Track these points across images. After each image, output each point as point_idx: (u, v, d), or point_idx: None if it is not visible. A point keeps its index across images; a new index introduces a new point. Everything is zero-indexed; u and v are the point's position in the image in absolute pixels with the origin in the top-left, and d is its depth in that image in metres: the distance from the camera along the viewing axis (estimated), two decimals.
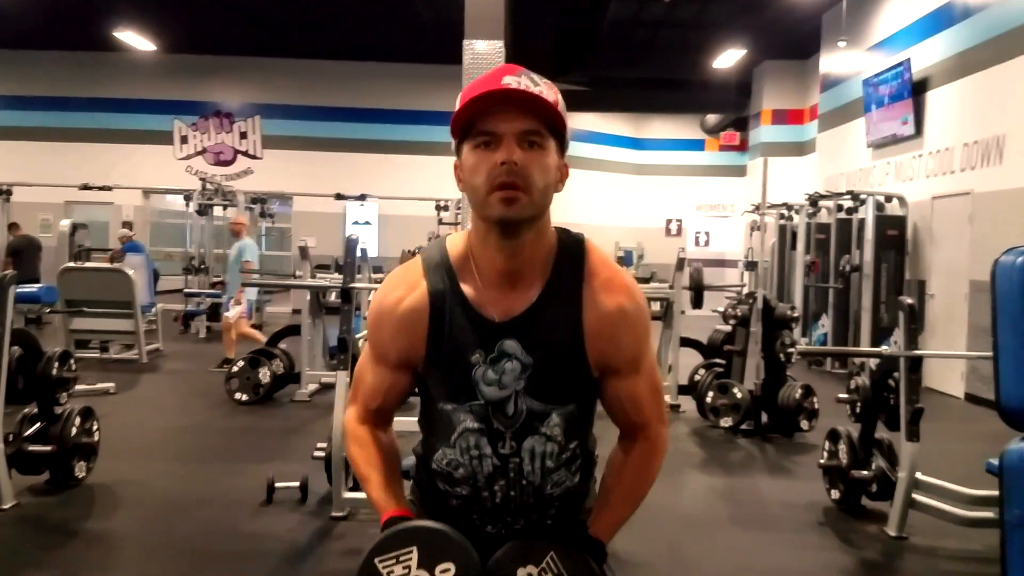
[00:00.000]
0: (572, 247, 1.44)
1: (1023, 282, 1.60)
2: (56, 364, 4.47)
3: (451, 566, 1.31)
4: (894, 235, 9.21)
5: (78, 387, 5.16)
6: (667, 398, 7.12)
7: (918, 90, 9.23)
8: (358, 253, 6.23)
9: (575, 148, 16.28)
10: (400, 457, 1.55)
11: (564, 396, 1.42)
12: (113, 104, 16.27)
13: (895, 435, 4.28)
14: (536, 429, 1.41)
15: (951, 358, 8.10)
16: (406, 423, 1.77)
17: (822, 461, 4.64)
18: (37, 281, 9.14)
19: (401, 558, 1.31)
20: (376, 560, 1.33)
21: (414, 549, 1.31)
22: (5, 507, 4.05)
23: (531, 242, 1.38)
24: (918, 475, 4.08)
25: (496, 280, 1.40)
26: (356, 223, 16.07)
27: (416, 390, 1.52)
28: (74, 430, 4.44)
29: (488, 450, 1.41)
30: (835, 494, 4.55)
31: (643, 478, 1.52)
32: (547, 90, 1.34)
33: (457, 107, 1.35)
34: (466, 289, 1.41)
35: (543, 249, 1.41)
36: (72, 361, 4.67)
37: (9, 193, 12.26)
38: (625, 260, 16.09)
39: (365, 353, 1.52)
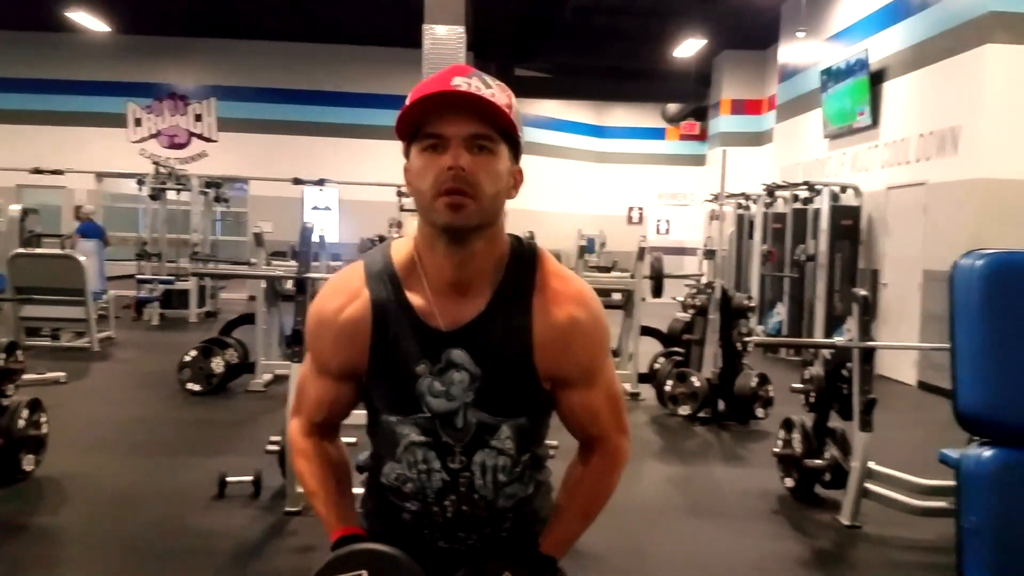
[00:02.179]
0: (524, 255, 1.39)
1: (982, 286, 1.59)
2: (2, 355, 4.35)
3: None
4: (848, 225, 9.32)
5: (28, 376, 5.04)
6: (627, 386, 7.15)
7: (875, 81, 9.32)
8: (316, 240, 6.15)
9: (536, 135, 16.31)
10: (349, 470, 1.50)
11: (515, 408, 1.37)
12: (65, 86, 15.89)
13: (848, 424, 4.32)
14: (487, 443, 1.36)
15: (904, 349, 8.23)
16: (356, 416, 1.72)
17: (776, 449, 4.68)
18: None
19: None
20: None
21: (364, 573, 1.28)
22: None
23: (481, 250, 1.33)
24: (871, 464, 4.13)
25: (444, 289, 1.35)
26: (315, 208, 15.89)
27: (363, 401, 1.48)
28: (21, 422, 4.32)
29: (437, 464, 1.37)
30: (789, 482, 4.59)
31: (598, 492, 1.48)
32: (499, 93, 1.29)
33: (403, 107, 1.30)
34: (412, 297, 1.35)
35: (493, 257, 1.36)
36: (19, 352, 4.54)
37: None
38: (587, 248, 16.10)
39: (306, 363, 1.46)
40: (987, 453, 1.61)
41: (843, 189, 9.64)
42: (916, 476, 4.12)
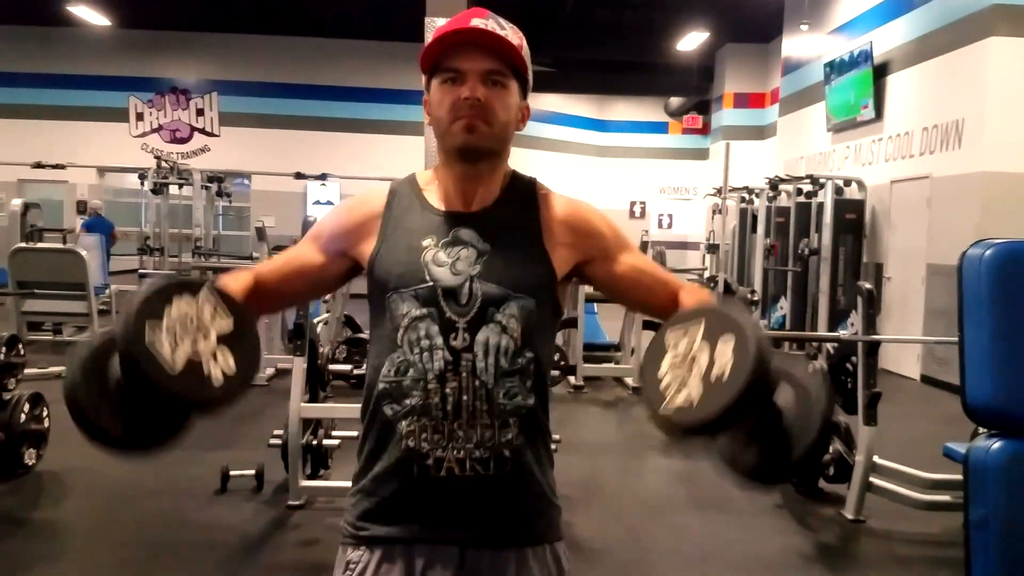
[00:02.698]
0: (524, 178, 1.51)
1: (990, 276, 1.57)
2: (3, 349, 4.34)
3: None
4: (852, 219, 9.29)
5: (30, 370, 5.04)
6: (629, 381, 7.14)
7: (879, 74, 9.29)
8: None
9: (537, 129, 16.28)
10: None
11: (522, 285, 1.38)
12: (67, 80, 15.86)
13: (852, 418, 4.30)
14: (492, 316, 1.35)
15: (908, 343, 8.21)
16: (357, 410, 1.69)
17: None
18: None
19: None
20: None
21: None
22: None
23: (488, 172, 1.43)
24: (875, 459, 4.12)
25: (455, 200, 1.44)
26: (317, 203, 15.87)
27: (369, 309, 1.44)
28: (23, 417, 4.31)
29: (439, 340, 1.34)
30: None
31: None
32: (512, 34, 1.40)
33: (426, 43, 1.40)
34: (427, 195, 1.46)
35: (499, 179, 1.46)
36: (20, 346, 4.54)
37: None
38: None
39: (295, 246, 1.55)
40: (996, 445, 1.59)
41: (847, 183, 9.60)
42: (920, 470, 4.12)
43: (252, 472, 4.27)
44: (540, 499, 1.43)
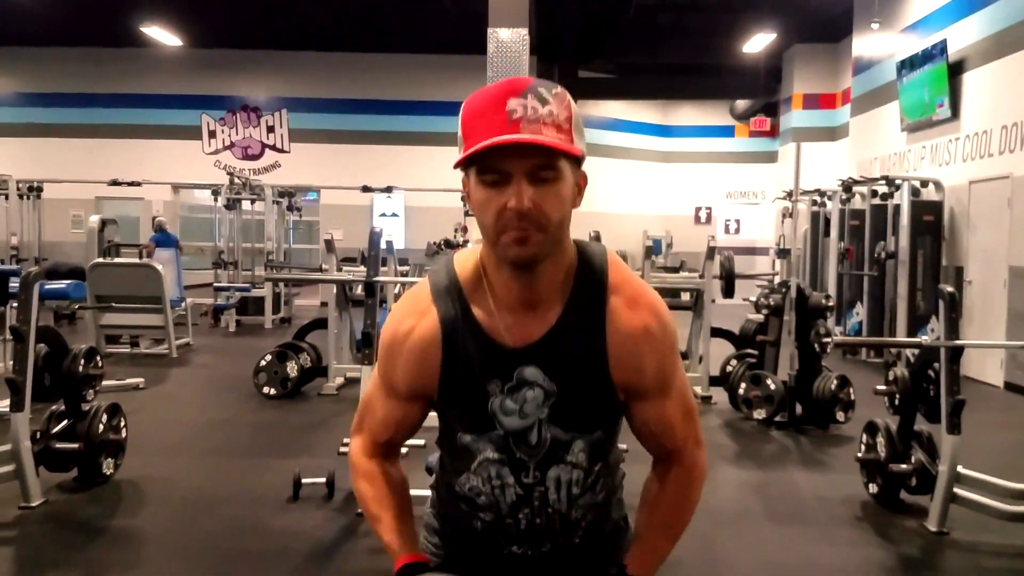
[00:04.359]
0: (593, 264, 1.33)
1: None
2: (82, 361, 4.47)
3: None
4: (930, 221, 9.01)
5: (108, 382, 5.18)
6: (698, 389, 7.02)
7: (954, 72, 9.00)
8: (383, 245, 6.19)
9: (601, 136, 16.23)
10: (409, 493, 1.48)
11: (590, 423, 1.34)
12: (141, 100, 16.40)
13: (935, 427, 4.16)
14: (561, 458, 1.33)
15: (992, 348, 7.90)
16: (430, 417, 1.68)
17: (860, 454, 4.52)
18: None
19: None
20: None
21: None
22: (33, 505, 4.04)
23: (548, 270, 1.28)
24: (959, 468, 3.96)
25: (512, 305, 1.30)
26: (383, 215, 16.06)
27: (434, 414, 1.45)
28: (101, 427, 4.42)
29: (511, 480, 1.34)
30: (873, 488, 4.43)
31: (681, 508, 1.43)
32: (557, 107, 1.20)
33: (460, 139, 1.25)
34: (479, 314, 1.31)
35: (562, 269, 1.31)
36: (99, 358, 4.66)
37: (40, 190, 12.35)
38: (654, 249, 15.95)
39: (374, 383, 1.44)
40: None
41: (923, 184, 9.32)
42: (1007, 480, 3.97)
43: (323, 480, 4.31)
44: (613, 536, 1.47)
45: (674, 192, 18.08)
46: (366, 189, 13.57)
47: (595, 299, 1.31)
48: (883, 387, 4.45)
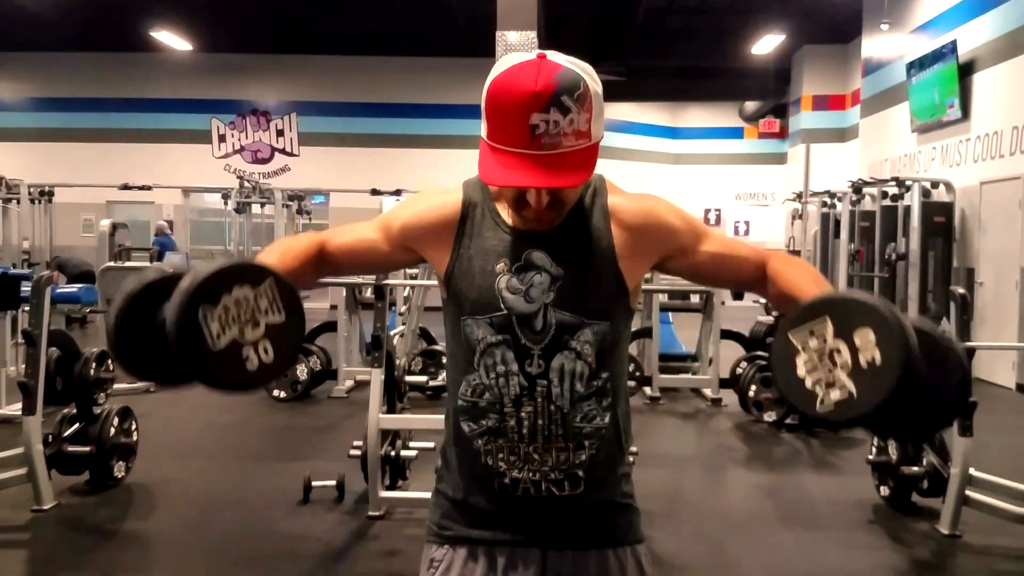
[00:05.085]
0: (593, 180, 1.42)
1: None
2: (94, 365, 4.49)
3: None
4: (941, 222, 8.97)
5: (118, 385, 5.20)
6: (708, 392, 7.00)
7: (965, 72, 8.97)
8: None
9: (610, 139, 16.16)
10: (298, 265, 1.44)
11: (597, 310, 1.36)
12: (151, 104, 16.44)
13: (947, 430, 4.13)
14: (566, 343, 1.35)
15: (1005, 349, 7.86)
16: (437, 420, 1.69)
17: (871, 457, 4.49)
18: None
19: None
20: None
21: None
22: (45, 508, 4.06)
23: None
24: (971, 471, 3.94)
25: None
26: None
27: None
28: (112, 430, 4.44)
29: (515, 367, 1.35)
30: (884, 491, 4.41)
31: (807, 270, 1.42)
32: (578, 111, 1.23)
33: (483, 113, 1.27)
34: (498, 206, 1.40)
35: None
36: (110, 361, 4.69)
37: (51, 194, 12.41)
38: None
39: (369, 221, 1.50)
40: None
41: (934, 185, 9.28)
42: (1018, 482, 3.94)
43: (333, 483, 4.31)
44: (618, 505, 1.46)
45: (683, 194, 18.01)
46: (375, 192, 13.58)
47: (598, 200, 1.40)
48: None
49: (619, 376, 1.43)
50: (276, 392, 6.74)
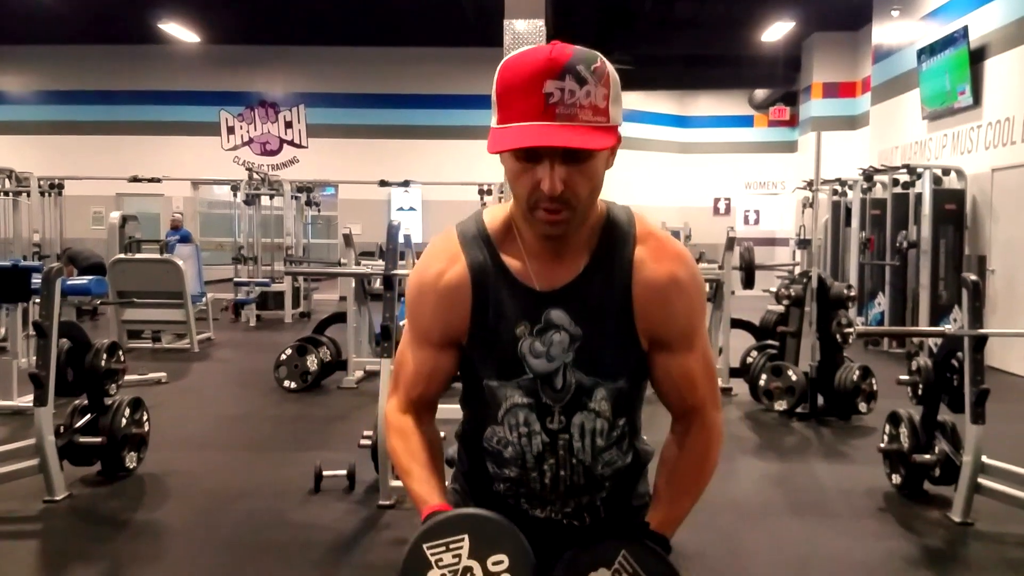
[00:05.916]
0: (620, 217, 1.37)
1: None
2: (104, 356, 4.50)
3: (504, 558, 1.22)
4: (952, 209, 8.92)
5: (130, 377, 5.22)
6: (719, 381, 6.98)
7: (976, 58, 8.89)
8: (401, 239, 6.19)
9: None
10: (443, 450, 1.49)
11: (613, 370, 1.35)
12: (160, 96, 16.48)
13: (958, 417, 4.12)
14: (584, 404, 1.35)
15: (1018, 336, 7.81)
16: (448, 410, 1.69)
17: (882, 445, 4.48)
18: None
19: (451, 546, 1.23)
20: (424, 546, 1.23)
21: (465, 537, 1.23)
22: (57, 498, 4.08)
23: (575, 231, 1.32)
24: (984, 458, 3.92)
25: (541, 254, 1.34)
26: (400, 209, 16.09)
27: (459, 372, 1.45)
28: (124, 421, 4.46)
29: (537, 426, 1.35)
30: (896, 479, 4.40)
31: (703, 467, 1.43)
32: (595, 85, 1.20)
33: (495, 102, 1.24)
34: (508, 260, 1.35)
35: (590, 225, 1.34)
36: (120, 352, 4.70)
37: (61, 187, 12.45)
38: None
39: (405, 337, 1.44)
40: None
41: (945, 172, 9.22)
42: None
43: (344, 472, 4.32)
44: (634, 508, 1.47)
45: (693, 183, 17.98)
46: (383, 183, 13.58)
47: (622, 249, 1.34)
48: (906, 377, 4.41)
49: (636, 413, 1.44)
50: (287, 383, 6.77)
